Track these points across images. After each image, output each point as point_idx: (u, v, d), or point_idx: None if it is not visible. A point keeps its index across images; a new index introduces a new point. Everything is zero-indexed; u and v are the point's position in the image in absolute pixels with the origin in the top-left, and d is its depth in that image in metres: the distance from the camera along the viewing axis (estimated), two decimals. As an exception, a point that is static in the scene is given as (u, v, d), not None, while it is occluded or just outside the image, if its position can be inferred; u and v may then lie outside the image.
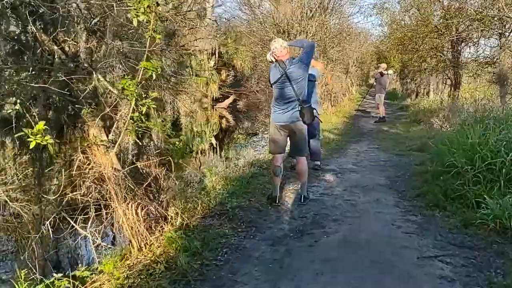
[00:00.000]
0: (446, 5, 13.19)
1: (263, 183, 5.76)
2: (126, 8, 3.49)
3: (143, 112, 3.49)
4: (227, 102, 26.91)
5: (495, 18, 10.64)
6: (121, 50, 4.38)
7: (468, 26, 12.43)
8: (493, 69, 11.93)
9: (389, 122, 13.53)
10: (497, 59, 11.45)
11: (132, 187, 4.15)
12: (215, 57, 27.93)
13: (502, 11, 9.90)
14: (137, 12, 3.35)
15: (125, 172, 4.23)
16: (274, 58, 4.83)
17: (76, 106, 4.09)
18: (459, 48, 13.48)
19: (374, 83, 14.39)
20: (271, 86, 4.93)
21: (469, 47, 13.67)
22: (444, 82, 17.13)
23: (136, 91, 3.40)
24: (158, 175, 4.72)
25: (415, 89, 22.63)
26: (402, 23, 16.86)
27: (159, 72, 3.38)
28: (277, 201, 4.98)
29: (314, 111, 6.56)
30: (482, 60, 12.49)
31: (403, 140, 9.47)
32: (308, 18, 14.79)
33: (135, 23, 3.41)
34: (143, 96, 3.42)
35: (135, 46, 4.63)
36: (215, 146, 15.19)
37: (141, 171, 4.70)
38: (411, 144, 8.72)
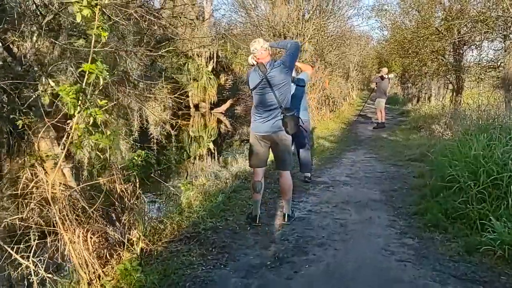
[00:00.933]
0: (447, 7, 12.66)
1: (245, 199, 5.22)
2: (68, 1, 2.98)
3: (90, 123, 2.97)
4: (224, 107, 26.60)
5: (499, 20, 10.10)
6: (77, 52, 3.86)
7: (470, 28, 11.91)
8: (497, 73, 11.39)
9: (389, 129, 12.99)
10: (502, 62, 10.92)
11: (87, 208, 3.64)
12: (213, 61, 27.66)
13: (506, 12, 9.38)
14: (81, 6, 2.86)
15: (79, 190, 3.72)
16: (255, 61, 4.33)
17: (22, 115, 3.57)
18: (461, 51, 12.94)
19: (375, 88, 13.82)
20: (251, 92, 4.41)
21: (472, 50, 13.15)
22: (446, 87, 16.59)
23: (81, 98, 2.90)
24: (124, 192, 4.20)
25: (416, 94, 22.08)
26: (402, 26, 16.32)
27: (106, 77, 2.87)
28: (257, 221, 4.45)
29: (304, 119, 6.07)
30: (485, 63, 11.97)
31: (402, 148, 8.92)
32: (305, 20, 14.31)
33: (78, 18, 2.91)
34: (89, 104, 2.90)
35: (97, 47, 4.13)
36: (213, 151, 14.78)
37: (103, 188, 4.19)
38: (410, 153, 8.17)
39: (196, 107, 26.27)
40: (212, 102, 26.17)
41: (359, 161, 7.87)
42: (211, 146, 15.97)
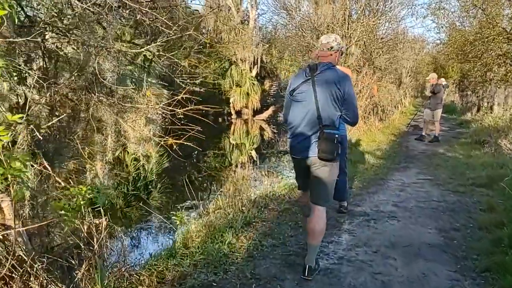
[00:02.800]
0: (518, 3, 10.98)
1: (258, 237, 4.09)
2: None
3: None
4: (267, 113, 25.62)
5: None
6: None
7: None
8: None
9: (446, 142, 11.41)
10: None
11: (25, 259, 2.68)
12: (258, 66, 26.92)
13: None
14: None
15: (19, 233, 2.77)
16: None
17: None
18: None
19: (430, 95, 12.06)
20: (288, 98, 3.38)
21: (548, 53, 11.34)
22: (515, 95, 14.68)
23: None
24: (92, 231, 3.23)
25: (477, 102, 20.02)
26: (462, 27, 14.58)
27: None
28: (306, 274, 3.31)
29: (342, 134, 4.89)
30: None
31: (463, 168, 7.44)
32: (352, 21, 13.02)
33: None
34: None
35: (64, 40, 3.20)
36: (255, 159, 13.85)
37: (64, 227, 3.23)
38: (474, 175, 6.71)
39: (238, 113, 25.53)
40: (255, 108, 25.30)
41: (410, 185, 6.51)
42: (254, 154, 15.08)
